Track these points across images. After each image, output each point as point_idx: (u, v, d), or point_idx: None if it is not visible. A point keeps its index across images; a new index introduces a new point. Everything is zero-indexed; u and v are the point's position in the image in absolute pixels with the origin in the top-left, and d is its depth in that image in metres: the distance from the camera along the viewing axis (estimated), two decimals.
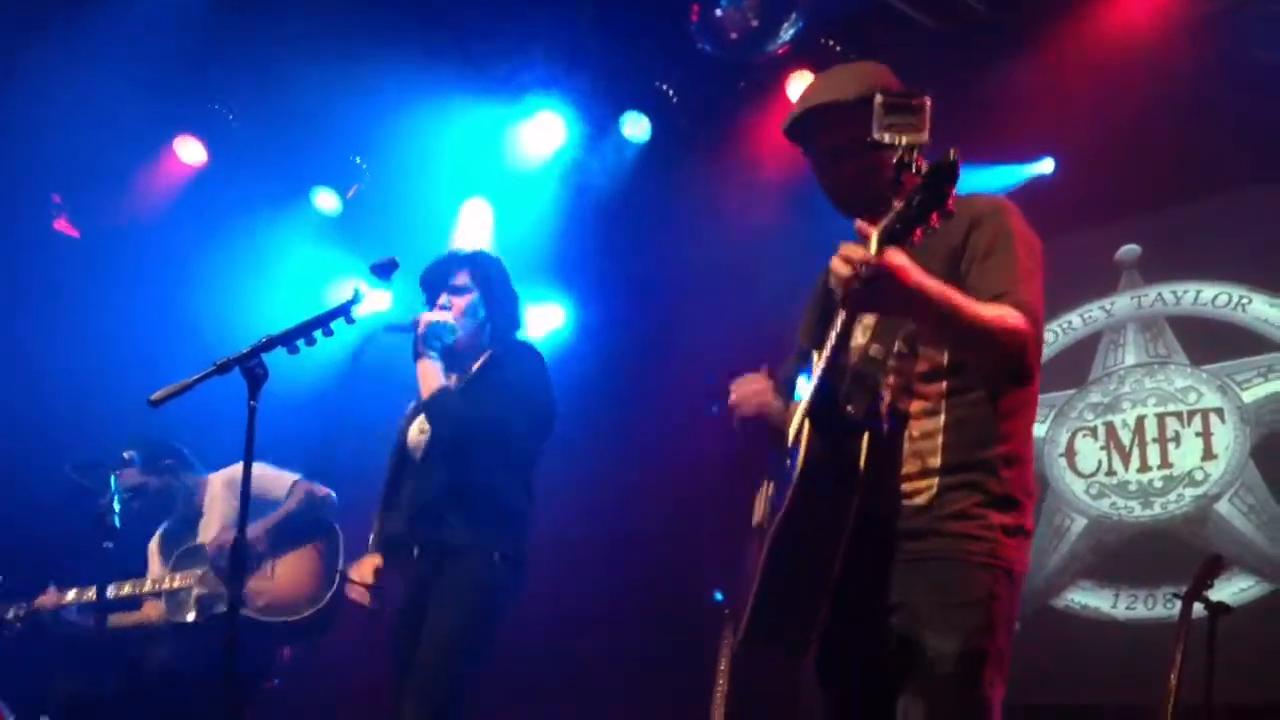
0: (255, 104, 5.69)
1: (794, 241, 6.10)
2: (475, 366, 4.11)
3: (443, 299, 4.12)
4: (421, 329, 4.01)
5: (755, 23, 5.42)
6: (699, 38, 5.57)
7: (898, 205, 2.12)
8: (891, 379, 2.50)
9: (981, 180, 5.83)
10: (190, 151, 6.11)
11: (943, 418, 2.47)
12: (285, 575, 4.79)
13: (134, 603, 5.00)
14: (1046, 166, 5.96)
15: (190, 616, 4.76)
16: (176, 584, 4.82)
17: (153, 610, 4.98)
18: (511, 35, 5.88)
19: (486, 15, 5.70)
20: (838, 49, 5.66)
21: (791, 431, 2.54)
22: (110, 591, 4.75)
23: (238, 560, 3.35)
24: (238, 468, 4.86)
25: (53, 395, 5.34)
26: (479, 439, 3.94)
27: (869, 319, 2.53)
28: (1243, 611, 4.91)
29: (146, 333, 5.53)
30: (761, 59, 5.58)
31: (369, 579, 4.08)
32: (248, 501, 3.27)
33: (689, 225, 6.55)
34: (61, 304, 5.50)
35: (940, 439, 2.47)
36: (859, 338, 2.53)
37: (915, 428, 2.48)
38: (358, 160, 6.42)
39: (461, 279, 4.15)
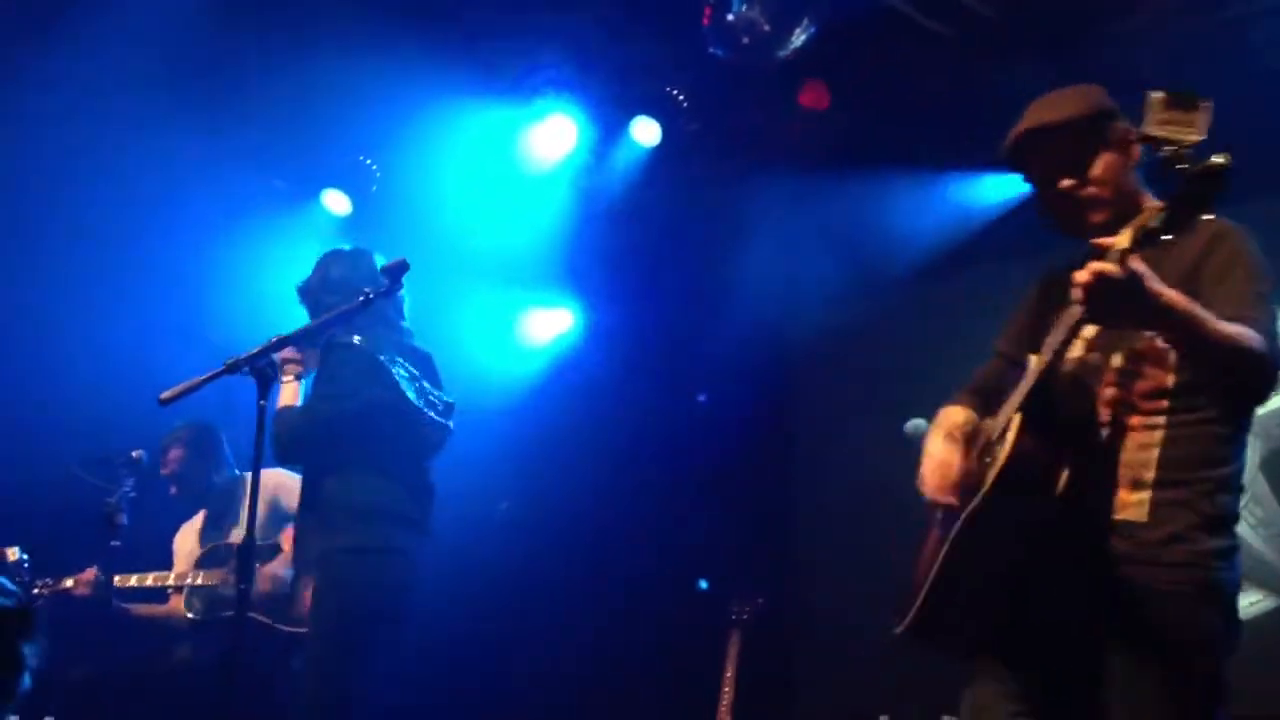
0: (264, 103, 5.68)
1: (803, 247, 6.10)
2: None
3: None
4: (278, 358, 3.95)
5: (767, 28, 5.40)
6: (710, 42, 5.55)
7: (1153, 205, 2.13)
8: (1109, 392, 2.49)
9: (996, 189, 5.83)
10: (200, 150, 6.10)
11: (1160, 434, 2.45)
12: (303, 587, 4.78)
13: (160, 595, 5.03)
14: None
15: (209, 615, 4.78)
16: (199, 581, 4.84)
17: (176, 605, 5.01)
18: (522, 38, 5.87)
19: (497, 18, 5.69)
20: (849, 55, 5.65)
21: (998, 427, 2.52)
22: (132, 580, 4.81)
23: (245, 559, 3.35)
24: (274, 472, 4.95)
25: (61, 393, 5.33)
26: (305, 444, 4.03)
27: (1089, 330, 2.53)
28: (1251, 625, 4.86)
29: (155, 332, 5.53)
30: (773, 64, 5.56)
31: None
32: (256, 500, 3.28)
33: (698, 230, 6.55)
34: (70, 302, 5.50)
35: (1156, 453, 2.44)
36: (1077, 349, 2.53)
37: (1132, 440, 2.46)
38: (368, 162, 6.41)
39: (314, 282, 4.27)
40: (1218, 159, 2.05)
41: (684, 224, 6.63)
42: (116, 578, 4.85)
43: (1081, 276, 2.18)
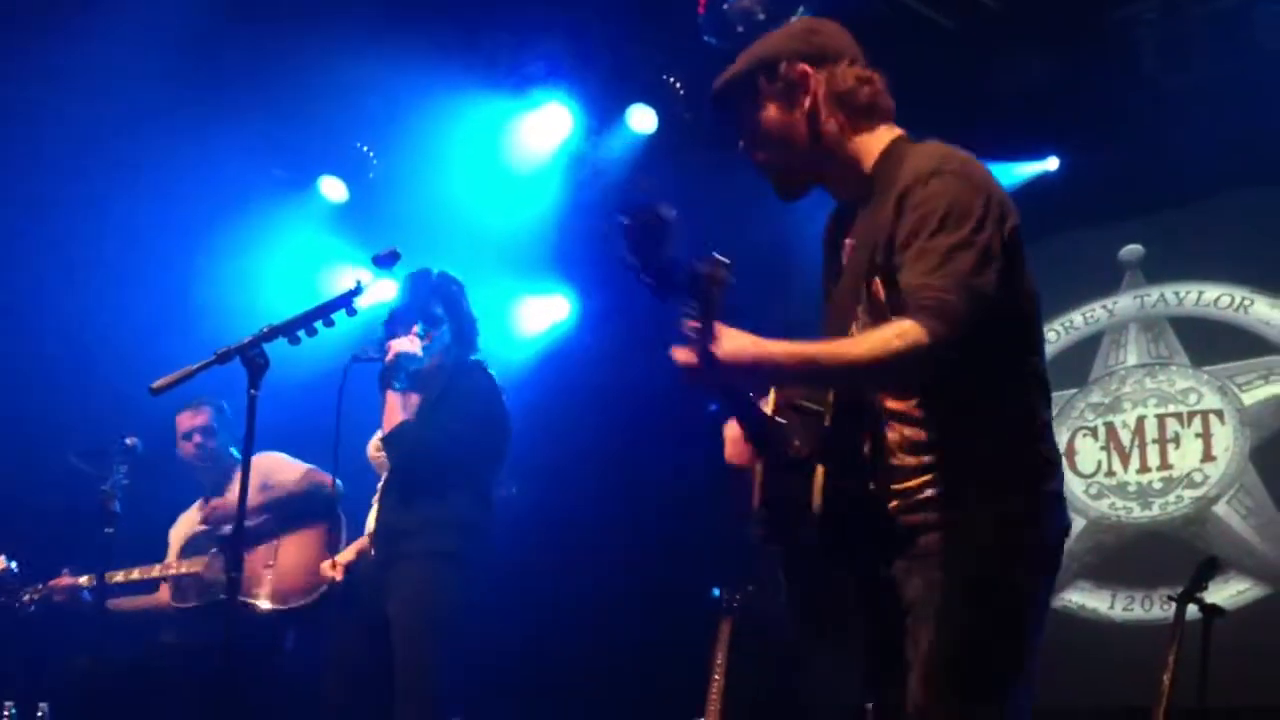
0: (261, 91, 5.69)
1: (798, 235, 6.11)
2: (435, 393, 4.29)
3: (417, 328, 4.28)
4: (390, 358, 4.18)
5: (762, 16, 5.40)
6: (706, 31, 5.56)
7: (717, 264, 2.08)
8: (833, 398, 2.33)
9: (998, 178, 5.84)
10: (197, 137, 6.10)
11: (925, 408, 2.28)
12: (287, 562, 4.87)
13: (150, 586, 5.07)
14: (1052, 164, 5.96)
15: (194, 602, 4.84)
16: (183, 570, 4.89)
17: (163, 594, 5.05)
18: (519, 27, 5.87)
19: (494, 6, 5.70)
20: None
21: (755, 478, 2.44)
22: (119, 576, 4.84)
23: (236, 547, 3.38)
24: (267, 456, 4.98)
25: (53, 382, 5.35)
26: (433, 465, 4.16)
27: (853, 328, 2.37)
28: (1239, 614, 4.93)
29: (149, 319, 5.54)
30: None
31: (348, 557, 4.42)
32: (246, 491, 3.30)
33: (694, 218, 6.52)
34: (63, 290, 5.51)
35: (928, 432, 2.28)
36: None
37: (901, 425, 2.31)
38: (365, 149, 6.41)
39: (437, 308, 4.34)
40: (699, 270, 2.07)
41: (680, 211, 6.62)
42: (119, 574, 4.89)
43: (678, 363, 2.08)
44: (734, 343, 2.08)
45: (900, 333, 2.11)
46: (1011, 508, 2.26)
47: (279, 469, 5.05)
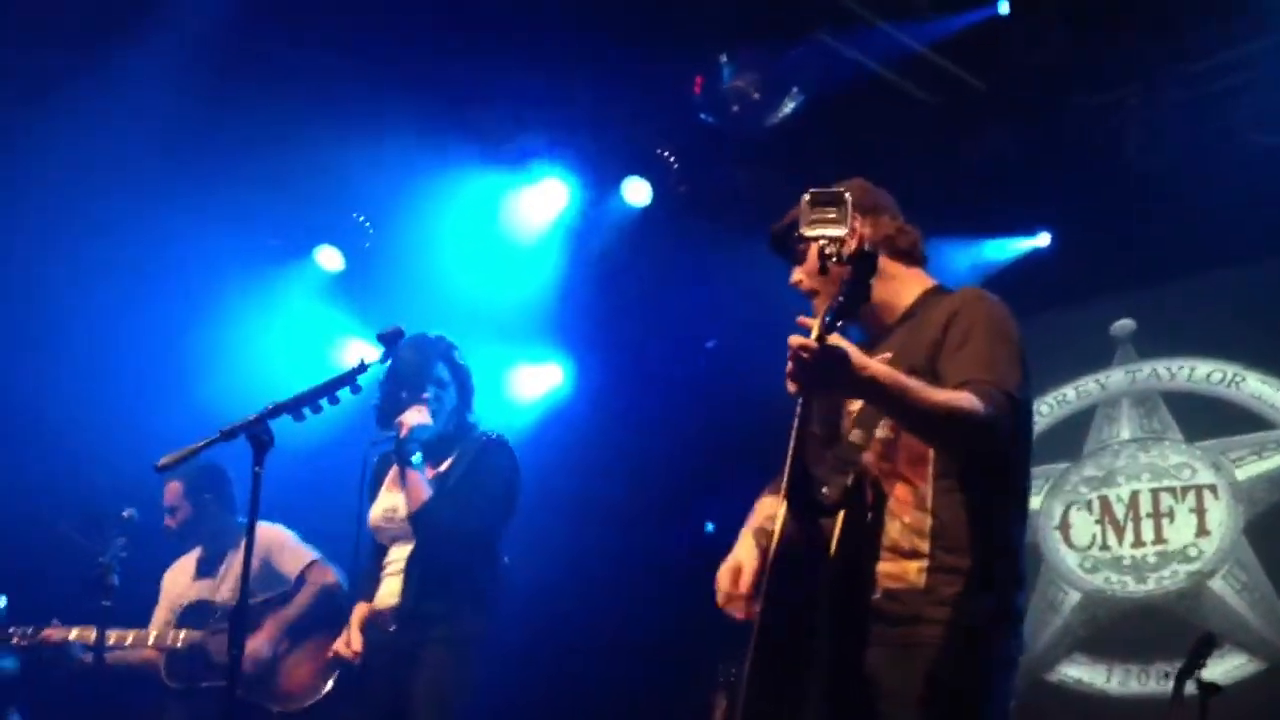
0: (259, 162, 5.73)
1: (790, 309, 6.16)
2: (450, 462, 4.26)
3: (427, 394, 4.24)
4: (404, 434, 4.15)
5: (757, 96, 5.51)
6: (702, 109, 5.66)
7: (830, 295, 2.30)
8: (874, 463, 2.56)
9: (979, 254, 5.91)
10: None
11: (930, 502, 2.53)
12: (289, 665, 4.71)
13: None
14: (1044, 240, 6.04)
15: (186, 684, 4.69)
16: (180, 643, 4.77)
17: (154, 655, 4.88)
18: (516, 101, 5.96)
19: (490, 81, 5.78)
20: (836, 122, 5.74)
21: (777, 525, 2.59)
22: (111, 638, 4.69)
23: (237, 626, 3.34)
24: (270, 529, 4.86)
25: (55, 456, 5.34)
26: (464, 548, 4.13)
27: (854, 406, 2.61)
28: (1235, 690, 4.92)
29: (146, 388, 5.55)
30: (762, 131, 5.66)
31: (359, 639, 4.24)
32: (249, 570, 3.29)
33: (688, 289, 6.61)
34: (65, 360, 5.51)
35: (929, 524, 2.51)
36: (845, 424, 2.62)
37: (905, 513, 2.53)
38: (362, 219, 6.47)
39: (442, 370, 4.32)
40: (863, 249, 2.26)
41: (674, 282, 6.69)
42: (113, 634, 4.74)
43: (789, 353, 2.31)
44: (844, 343, 2.30)
45: (966, 398, 2.41)
46: (999, 606, 2.52)
47: (281, 547, 4.89)
